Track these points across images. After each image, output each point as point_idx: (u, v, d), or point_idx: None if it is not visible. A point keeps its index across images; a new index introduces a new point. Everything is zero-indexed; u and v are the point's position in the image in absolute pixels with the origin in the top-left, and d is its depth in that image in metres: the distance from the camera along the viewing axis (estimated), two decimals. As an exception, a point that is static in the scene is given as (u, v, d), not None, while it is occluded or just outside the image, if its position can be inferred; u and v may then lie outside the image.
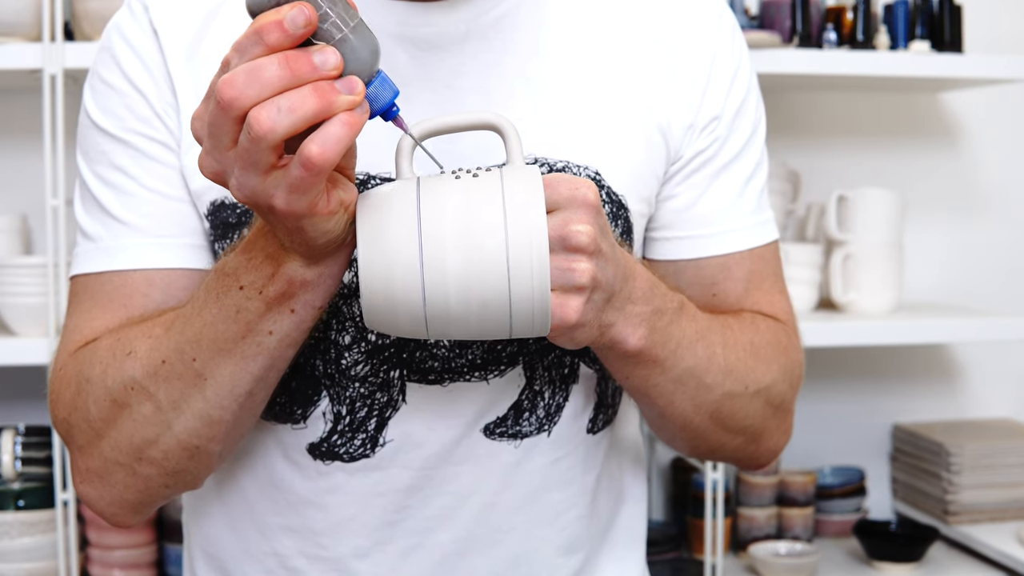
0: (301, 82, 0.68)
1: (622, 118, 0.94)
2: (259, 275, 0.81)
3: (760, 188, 1.01)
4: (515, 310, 0.76)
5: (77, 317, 0.93)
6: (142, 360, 0.86)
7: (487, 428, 0.93)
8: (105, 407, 0.87)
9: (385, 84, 0.73)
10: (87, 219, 0.94)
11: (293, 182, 0.70)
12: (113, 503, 0.91)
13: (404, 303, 0.75)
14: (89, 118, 0.94)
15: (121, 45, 0.93)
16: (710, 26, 0.97)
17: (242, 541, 0.97)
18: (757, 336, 0.97)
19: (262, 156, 0.69)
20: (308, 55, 0.68)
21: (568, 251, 0.77)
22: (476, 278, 0.74)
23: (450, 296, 0.75)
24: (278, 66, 0.68)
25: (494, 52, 0.92)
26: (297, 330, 0.83)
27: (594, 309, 0.80)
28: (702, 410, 0.93)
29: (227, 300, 0.82)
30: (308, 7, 0.68)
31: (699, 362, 0.90)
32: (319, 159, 0.68)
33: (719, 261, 0.98)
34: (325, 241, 0.77)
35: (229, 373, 0.84)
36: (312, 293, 0.81)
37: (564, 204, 0.78)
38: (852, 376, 2.38)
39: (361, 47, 0.71)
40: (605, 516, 1.01)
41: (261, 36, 0.68)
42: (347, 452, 0.93)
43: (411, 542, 0.95)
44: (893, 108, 2.39)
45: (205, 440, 0.87)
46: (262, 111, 0.67)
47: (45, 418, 1.99)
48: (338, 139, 0.69)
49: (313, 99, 0.68)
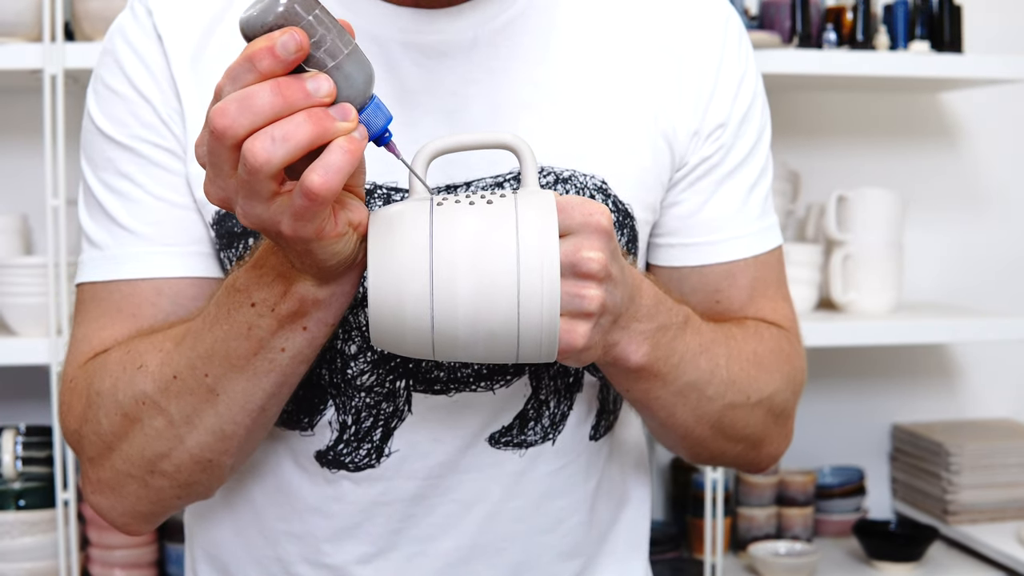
0: (294, 109, 0.68)
1: (629, 125, 0.93)
2: (270, 292, 0.80)
3: (765, 194, 1.00)
4: (523, 338, 0.75)
5: (86, 327, 0.92)
6: (153, 374, 0.85)
7: (492, 437, 0.93)
8: (116, 420, 0.87)
9: (379, 110, 0.73)
10: (93, 226, 0.93)
11: (297, 211, 0.70)
12: (125, 513, 0.91)
13: (412, 327, 0.75)
14: (94, 123, 0.93)
15: (125, 49, 0.92)
16: (717, 32, 0.97)
17: (245, 545, 0.97)
18: (760, 346, 0.96)
19: (262, 186, 0.69)
20: (301, 82, 0.68)
21: (578, 277, 0.77)
22: (486, 306, 0.74)
23: (459, 322, 0.74)
24: (270, 93, 0.67)
25: (501, 59, 0.92)
26: (309, 347, 0.83)
27: (600, 332, 0.80)
28: (703, 420, 0.93)
29: (239, 316, 0.81)
30: (299, 32, 0.67)
31: (701, 375, 0.90)
32: (321, 189, 0.68)
33: (723, 268, 0.98)
34: (336, 262, 0.77)
35: (242, 389, 0.83)
36: (324, 311, 0.81)
37: (577, 229, 0.77)
38: (852, 376, 2.38)
39: (355, 73, 0.70)
40: (605, 521, 1.01)
41: (253, 63, 0.67)
42: (352, 462, 0.93)
43: (414, 549, 0.94)
44: (893, 108, 2.39)
45: (218, 454, 0.87)
46: (256, 142, 0.67)
47: (46, 418, 1.99)
48: (339, 167, 0.68)
49: (307, 126, 0.67)
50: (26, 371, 1.97)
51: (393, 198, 0.89)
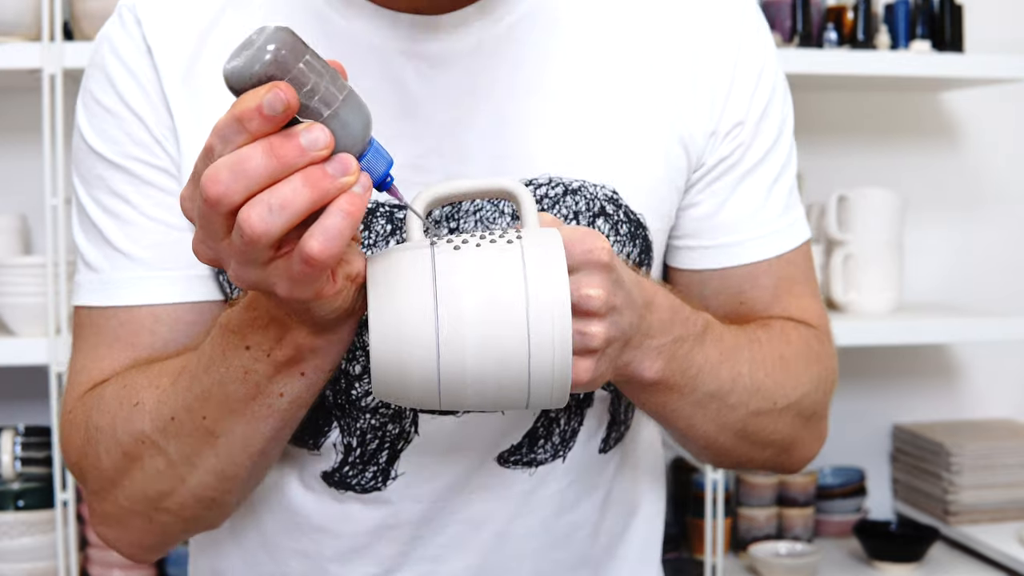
0: (290, 170, 0.64)
1: (641, 132, 0.89)
2: (265, 337, 0.77)
3: (788, 188, 0.96)
4: (534, 387, 0.72)
5: (83, 356, 0.90)
6: (151, 413, 0.83)
7: (501, 456, 0.91)
8: (117, 458, 0.85)
9: (379, 155, 0.68)
10: (88, 246, 0.91)
11: (296, 276, 0.67)
12: (132, 544, 0.90)
13: (418, 381, 0.72)
14: (85, 141, 0.90)
15: (114, 63, 0.88)
16: (733, 23, 0.92)
17: (250, 560, 0.95)
18: (787, 348, 0.92)
19: (258, 254, 0.66)
20: (295, 138, 0.64)
21: (581, 316, 0.74)
22: (495, 357, 0.71)
23: (467, 376, 0.71)
24: (263, 156, 0.63)
25: (506, 66, 0.88)
26: (308, 392, 0.80)
27: (608, 361, 0.77)
28: (727, 429, 0.89)
29: (234, 360, 0.78)
30: (285, 89, 0.63)
31: (722, 384, 0.86)
32: (321, 255, 0.65)
33: (746, 270, 0.94)
34: (334, 317, 0.74)
35: (241, 432, 0.81)
36: (322, 358, 0.78)
37: (577, 267, 0.74)
38: (852, 376, 2.38)
39: (352, 120, 0.66)
40: (615, 530, 0.99)
41: (242, 123, 0.63)
42: (359, 484, 0.90)
43: (423, 570, 0.92)
44: (893, 108, 2.38)
45: (220, 493, 0.85)
46: (252, 212, 0.63)
47: (45, 418, 1.99)
48: (339, 232, 0.65)
49: (305, 192, 0.64)
50: (25, 371, 1.97)
51: (396, 215, 0.86)
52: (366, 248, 0.86)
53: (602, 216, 0.89)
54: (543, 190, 0.88)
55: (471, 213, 0.88)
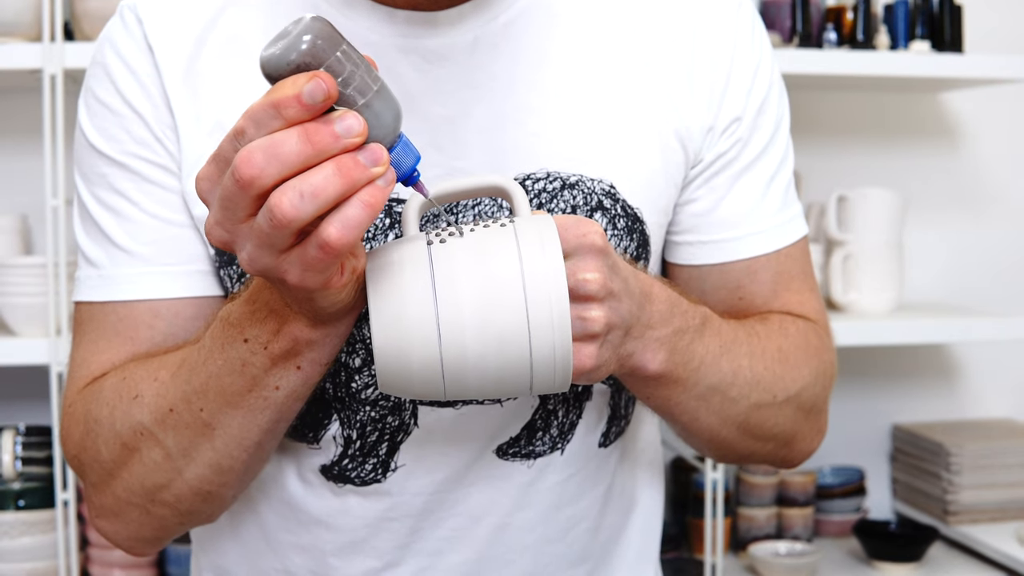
0: (323, 156, 0.65)
1: (637, 126, 0.90)
2: (263, 329, 0.78)
3: (786, 184, 0.97)
4: (536, 371, 0.73)
5: (83, 350, 0.91)
6: (149, 406, 0.84)
7: (500, 449, 0.91)
8: (115, 449, 0.86)
9: (408, 149, 0.69)
10: (88, 242, 0.91)
11: (309, 262, 0.67)
12: (130, 538, 0.90)
13: (421, 372, 0.73)
14: (86, 138, 0.91)
15: (115, 62, 0.90)
16: (728, 20, 0.93)
17: (252, 556, 0.96)
18: (786, 341, 0.93)
19: (281, 240, 0.67)
20: (330, 125, 0.65)
21: (579, 300, 0.75)
22: (495, 345, 0.72)
23: (469, 365, 0.72)
24: (299, 141, 0.64)
25: (503, 61, 0.88)
26: (304, 386, 0.81)
27: (611, 348, 0.77)
28: (729, 422, 0.90)
29: (232, 352, 0.79)
30: (327, 79, 0.64)
31: (723, 377, 0.87)
32: (338, 243, 0.65)
33: (744, 265, 0.95)
34: (335, 310, 0.75)
35: (237, 425, 0.82)
36: (318, 351, 0.79)
37: (571, 252, 0.75)
38: (852, 376, 2.38)
39: (384, 111, 0.67)
40: (614, 526, 0.99)
41: (279, 110, 0.64)
42: (358, 476, 0.91)
43: (423, 563, 0.93)
44: (893, 108, 2.39)
45: (216, 486, 0.86)
46: (284, 197, 0.64)
47: (45, 418, 1.99)
48: (359, 222, 0.65)
49: (336, 180, 0.64)
50: (26, 371, 1.97)
51: (394, 210, 0.87)
52: (365, 241, 0.86)
53: (600, 210, 0.89)
54: (541, 184, 0.88)
55: (469, 208, 0.88)
